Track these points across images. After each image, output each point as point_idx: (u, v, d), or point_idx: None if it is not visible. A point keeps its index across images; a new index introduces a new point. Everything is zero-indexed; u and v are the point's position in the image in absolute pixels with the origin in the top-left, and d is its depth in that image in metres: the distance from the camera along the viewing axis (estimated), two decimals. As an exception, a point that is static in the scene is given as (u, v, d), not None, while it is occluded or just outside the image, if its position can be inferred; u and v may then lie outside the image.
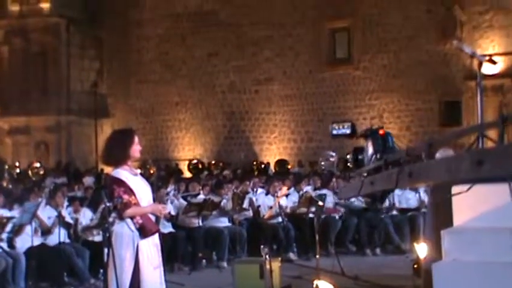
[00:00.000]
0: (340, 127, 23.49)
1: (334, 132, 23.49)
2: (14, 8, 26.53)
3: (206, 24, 25.68)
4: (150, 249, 5.76)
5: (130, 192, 5.64)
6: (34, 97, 26.08)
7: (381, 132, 4.81)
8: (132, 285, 5.63)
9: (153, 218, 5.89)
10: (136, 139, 5.86)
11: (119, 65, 27.64)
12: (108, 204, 5.75)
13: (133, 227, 5.64)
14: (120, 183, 5.65)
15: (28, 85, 26.00)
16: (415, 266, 8.61)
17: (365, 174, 4.84)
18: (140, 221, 5.65)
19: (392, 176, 4.10)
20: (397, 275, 9.60)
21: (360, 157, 5.10)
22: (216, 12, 25.85)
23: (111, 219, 5.77)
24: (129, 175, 5.74)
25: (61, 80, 26.49)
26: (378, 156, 4.69)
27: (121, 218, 5.65)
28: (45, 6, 26.31)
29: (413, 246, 8.93)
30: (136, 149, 5.81)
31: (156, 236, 5.87)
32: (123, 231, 5.64)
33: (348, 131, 23.10)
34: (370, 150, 4.79)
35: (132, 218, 5.63)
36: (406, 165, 4.05)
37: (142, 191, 5.79)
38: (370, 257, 12.21)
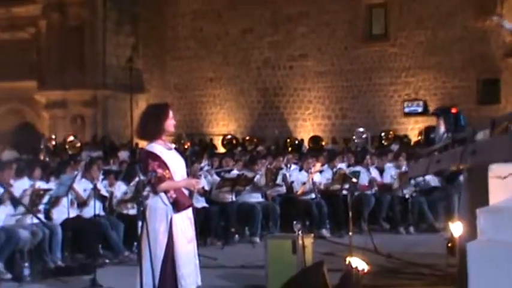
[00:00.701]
0: (412, 105, 23.35)
1: (406, 110, 23.40)
2: (52, -19, 26.72)
3: (241, 0, 25.55)
4: (184, 223, 5.78)
5: (164, 166, 5.64)
6: (71, 71, 26.32)
7: (453, 110, 4.72)
8: (166, 258, 5.67)
9: (186, 192, 5.90)
10: (170, 113, 5.86)
11: (154, 41, 27.71)
12: (142, 178, 5.78)
13: (167, 201, 5.66)
14: (155, 157, 5.66)
15: (65, 59, 26.25)
16: (449, 244, 8.53)
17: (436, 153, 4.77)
18: (174, 195, 5.66)
19: (457, 154, 4.03)
20: (430, 253, 9.53)
21: (431, 136, 5.04)
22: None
23: (145, 193, 5.81)
24: (164, 149, 5.74)
25: (97, 55, 26.65)
26: (449, 134, 4.61)
27: (155, 192, 5.67)
28: (83, -20, 26.43)
29: (448, 225, 8.86)
30: (170, 123, 5.82)
31: (190, 210, 5.89)
32: (157, 205, 5.66)
33: (420, 109, 23.02)
34: (442, 128, 4.71)
35: (166, 192, 5.64)
36: (470, 143, 3.98)
37: (176, 165, 5.79)
38: (404, 235, 12.12)
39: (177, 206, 5.69)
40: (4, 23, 27.97)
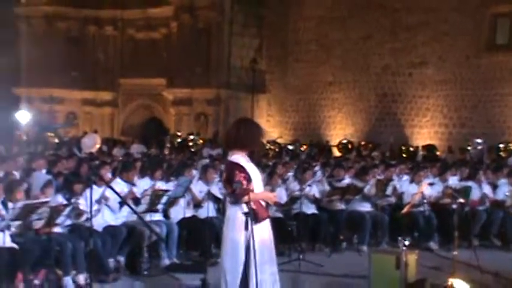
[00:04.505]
0: None
1: None
2: (185, -15, 27.59)
3: (364, 7, 25.34)
4: (262, 233, 5.82)
5: (249, 178, 5.74)
6: (197, 71, 27.09)
7: None
8: (245, 267, 5.72)
9: (264, 204, 5.95)
10: (263, 134, 6.07)
11: (277, 44, 28.03)
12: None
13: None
14: (241, 169, 5.74)
15: (192, 59, 27.05)
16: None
17: None
18: (254, 207, 5.70)
19: None
20: (543, 275, 9.16)
21: None
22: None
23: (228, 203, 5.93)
24: (245, 161, 5.84)
25: (223, 56, 27.31)
26: None
27: (236, 202, 5.74)
28: (213, -16, 27.11)
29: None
30: (259, 142, 6.04)
31: (268, 221, 5.93)
32: (236, 215, 5.73)
33: None
34: None
35: (246, 203, 5.68)
36: None
37: (255, 177, 5.87)
38: (515, 254, 11.66)
39: (256, 217, 5.73)
40: (140, 23, 29.26)
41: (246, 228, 5.62)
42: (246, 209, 5.65)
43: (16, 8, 29.36)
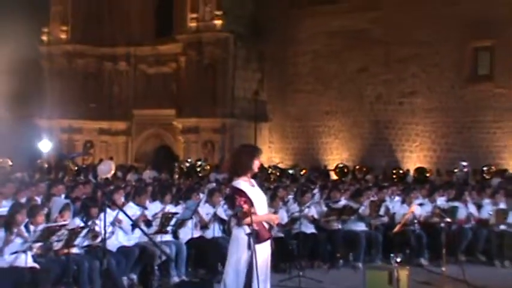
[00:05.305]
0: None
1: None
2: (192, 24, 27.81)
3: (359, 42, 25.45)
4: (263, 253, 5.85)
5: (249, 202, 5.76)
6: (204, 102, 27.20)
7: None
8: (245, 284, 5.75)
9: (267, 226, 5.97)
10: (260, 155, 6.06)
11: (277, 76, 28.13)
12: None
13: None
14: (242, 193, 5.80)
15: (200, 91, 27.19)
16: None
17: None
18: (256, 228, 5.74)
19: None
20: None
21: None
22: (369, 30, 25.52)
23: (232, 225, 5.92)
24: (248, 186, 5.87)
25: (227, 88, 27.44)
26: None
27: (239, 224, 5.79)
28: (218, 23, 27.28)
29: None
30: (257, 164, 5.98)
31: (269, 242, 5.95)
32: (240, 235, 5.78)
33: None
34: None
35: (248, 225, 5.72)
36: None
37: (258, 200, 5.90)
38: (499, 269, 11.62)
39: (258, 237, 5.77)
40: (151, 59, 29.48)
41: (249, 248, 5.66)
42: (248, 230, 5.68)
43: (40, 47, 29.67)
